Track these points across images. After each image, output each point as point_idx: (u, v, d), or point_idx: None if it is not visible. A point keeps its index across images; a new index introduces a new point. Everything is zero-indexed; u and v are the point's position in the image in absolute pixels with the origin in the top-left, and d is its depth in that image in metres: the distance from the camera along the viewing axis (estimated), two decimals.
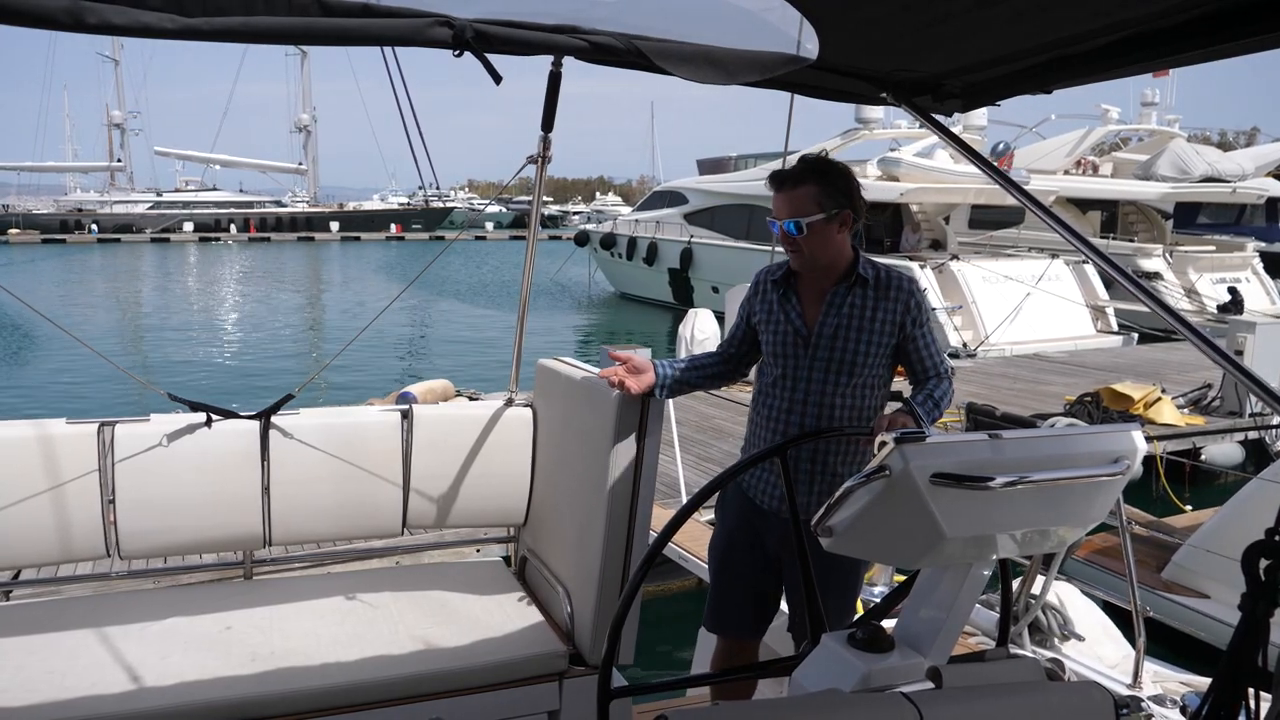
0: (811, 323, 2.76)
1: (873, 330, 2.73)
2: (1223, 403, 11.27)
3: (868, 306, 2.73)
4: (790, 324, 2.78)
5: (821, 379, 2.74)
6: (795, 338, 2.76)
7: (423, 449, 3.39)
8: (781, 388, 2.81)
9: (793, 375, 2.78)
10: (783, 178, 2.70)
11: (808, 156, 2.76)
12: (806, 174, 2.68)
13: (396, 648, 2.86)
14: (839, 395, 2.74)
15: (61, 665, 2.66)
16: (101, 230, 64.37)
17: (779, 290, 2.83)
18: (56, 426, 3.01)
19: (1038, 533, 1.84)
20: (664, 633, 6.27)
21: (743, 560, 2.92)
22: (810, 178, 2.67)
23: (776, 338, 2.81)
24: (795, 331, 2.76)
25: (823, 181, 2.67)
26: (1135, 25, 1.97)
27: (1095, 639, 3.86)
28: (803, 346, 2.75)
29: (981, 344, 16.35)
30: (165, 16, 1.61)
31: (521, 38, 1.94)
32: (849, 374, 2.73)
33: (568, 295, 32.39)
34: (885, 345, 2.74)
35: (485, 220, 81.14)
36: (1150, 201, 23.90)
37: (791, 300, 2.80)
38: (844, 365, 2.72)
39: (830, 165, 2.74)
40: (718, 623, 3.00)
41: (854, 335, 2.72)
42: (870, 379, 2.76)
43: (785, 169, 2.72)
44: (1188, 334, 2.22)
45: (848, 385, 2.74)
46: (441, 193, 78.44)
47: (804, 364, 2.76)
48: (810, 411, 2.76)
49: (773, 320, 2.83)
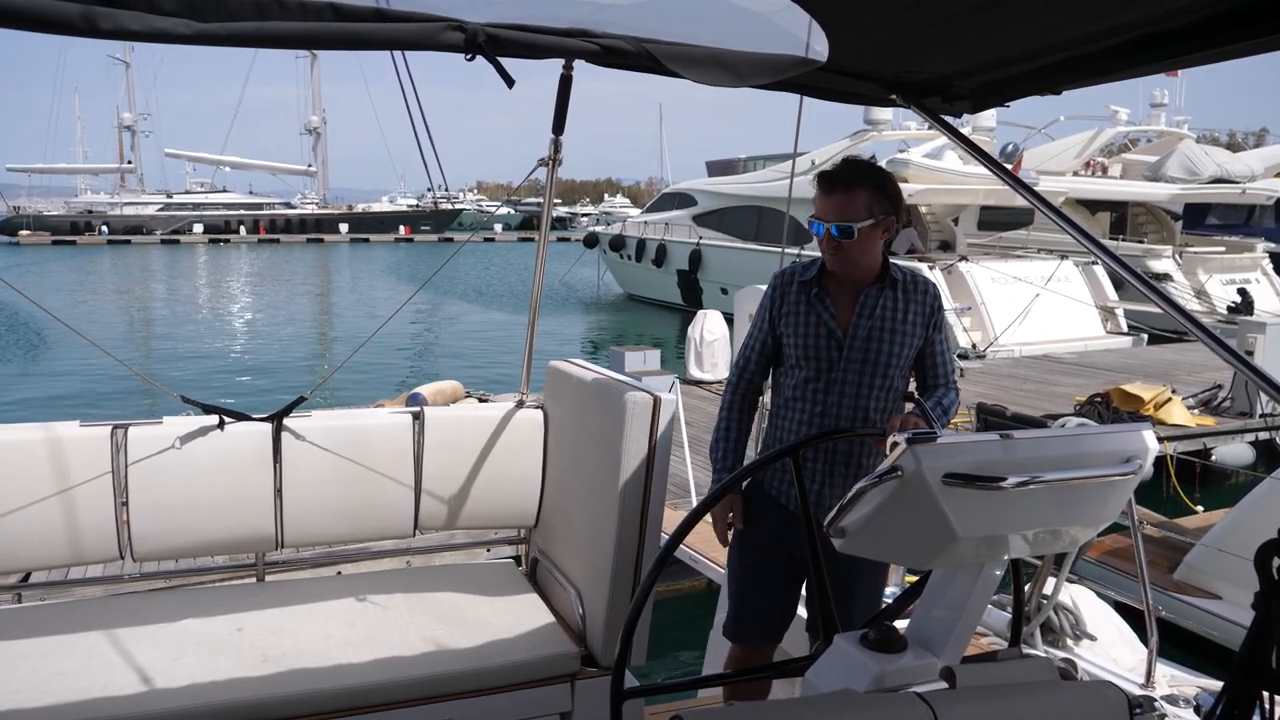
0: (845, 324, 2.75)
1: (904, 332, 2.75)
2: (1233, 403, 11.23)
3: (899, 308, 2.74)
4: (824, 325, 2.76)
5: (855, 380, 2.73)
6: (829, 339, 2.75)
7: (434, 450, 3.40)
8: (814, 389, 2.77)
9: (826, 377, 2.76)
10: (835, 180, 2.66)
11: (854, 159, 2.75)
12: (861, 178, 2.66)
13: (408, 649, 2.86)
14: (873, 397, 2.74)
15: (75, 666, 2.68)
16: (112, 232, 64.70)
17: (808, 291, 2.80)
18: (70, 429, 3.03)
19: (1050, 533, 1.83)
20: (674, 633, 6.28)
21: (772, 570, 2.88)
22: (864, 181, 2.66)
23: (808, 339, 2.77)
24: (829, 333, 2.75)
25: (876, 187, 2.66)
26: (1145, 26, 1.97)
27: (1107, 639, 3.84)
28: (836, 348, 2.74)
29: (991, 345, 16.31)
30: (180, 22, 1.62)
31: (533, 41, 1.95)
32: (882, 375, 2.74)
33: (576, 297, 32.43)
34: (913, 347, 2.77)
35: (494, 222, 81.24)
36: (1159, 202, 23.81)
37: (825, 301, 2.77)
38: (878, 366, 2.73)
39: (882, 170, 2.74)
40: (739, 631, 2.94)
41: (887, 337, 2.73)
42: (899, 381, 2.78)
43: (836, 170, 2.68)
44: (1199, 334, 2.22)
45: (881, 386, 2.75)
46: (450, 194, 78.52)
47: (838, 365, 2.74)
48: (845, 413, 2.75)
49: (802, 322, 2.79)
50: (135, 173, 78.47)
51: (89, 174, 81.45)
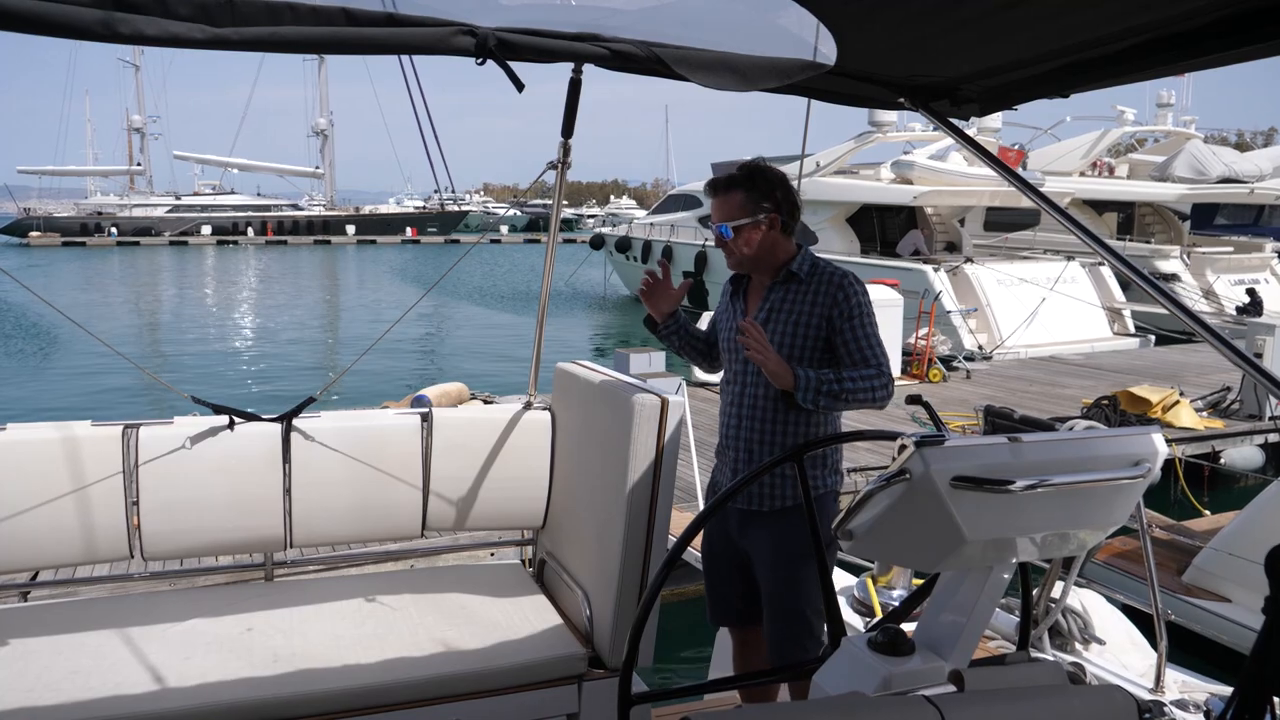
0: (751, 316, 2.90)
1: (804, 323, 2.82)
2: (1242, 405, 11.18)
3: (798, 300, 2.85)
4: (734, 320, 2.94)
5: (756, 371, 2.83)
6: (736, 332, 2.84)
7: (442, 452, 3.41)
8: (731, 377, 2.99)
9: (734, 369, 2.97)
10: (714, 185, 2.88)
11: (743, 164, 2.91)
12: (734, 182, 2.86)
13: (416, 650, 2.87)
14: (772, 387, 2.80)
15: (86, 665, 2.69)
16: (121, 233, 64.90)
17: (731, 290, 3.05)
18: (81, 428, 3.05)
19: (1058, 536, 1.84)
20: (680, 636, 6.27)
21: (721, 559, 3.07)
22: (738, 185, 2.85)
23: (725, 334, 3.01)
24: (737, 327, 2.85)
25: (748, 188, 2.83)
26: (1153, 29, 1.97)
27: (1116, 643, 3.83)
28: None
29: (997, 347, 16.26)
30: (195, 27, 1.64)
31: (544, 46, 1.96)
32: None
33: (582, 298, 32.42)
34: (814, 338, 2.83)
35: (500, 224, 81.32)
36: (1167, 203, 23.72)
37: (739, 298, 3.00)
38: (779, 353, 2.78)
39: (756, 172, 2.89)
40: (712, 614, 3.18)
41: (780, 325, 2.84)
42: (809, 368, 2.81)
43: (717, 177, 2.89)
44: (1206, 335, 2.21)
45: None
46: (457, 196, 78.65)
47: (741, 357, 2.88)
48: (746, 406, 2.90)
49: (724, 318, 3.04)
50: (144, 175, 78.68)
51: (99, 176, 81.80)
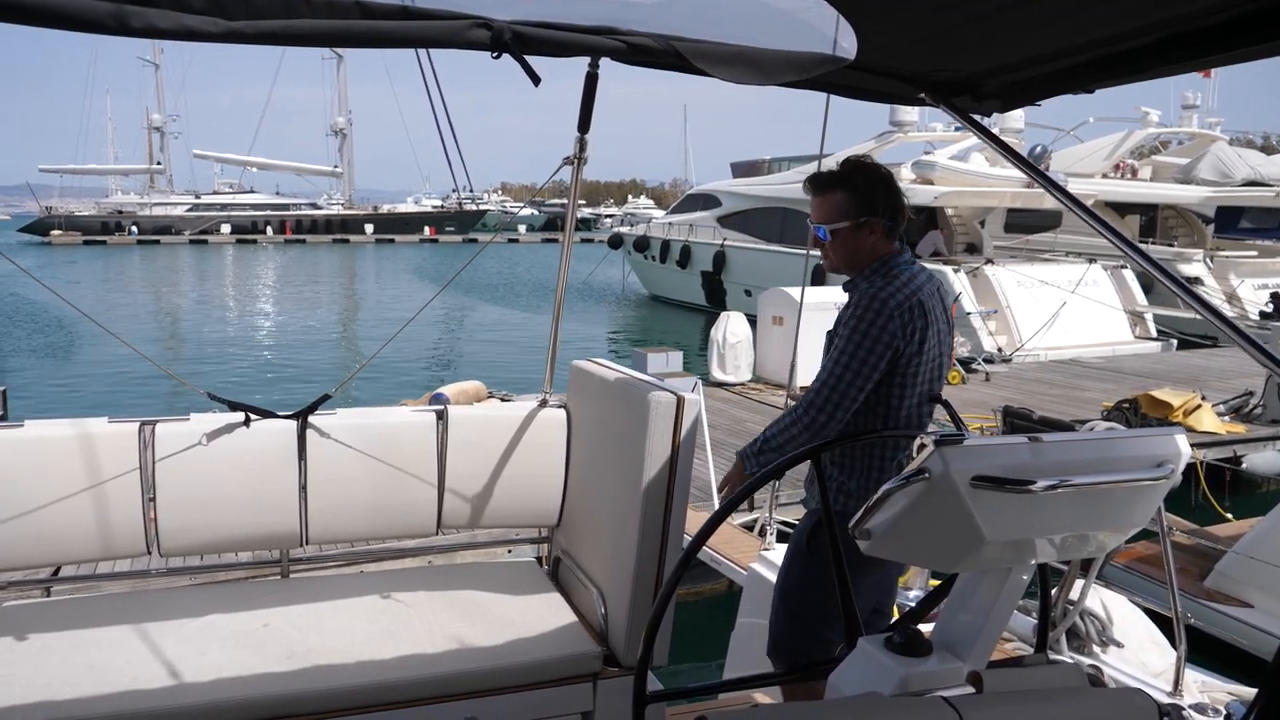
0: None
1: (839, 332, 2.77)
2: (1264, 410, 11.05)
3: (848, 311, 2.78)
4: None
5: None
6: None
7: (458, 449, 3.41)
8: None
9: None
10: (815, 183, 2.74)
11: (847, 160, 2.77)
12: (837, 181, 2.72)
13: (431, 647, 2.87)
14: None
15: (103, 660, 2.70)
16: (141, 232, 65.58)
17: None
18: (98, 425, 3.06)
19: (1078, 537, 1.81)
20: (695, 635, 6.25)
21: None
22: (838, 184, 2.71)
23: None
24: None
25: (850, 189, 2.70)
26: (1178, 24, 1.93)
27: (1135, 646, 3.79)
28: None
29: (1017, 349, 16.16)
30: (208, 20, 1.63)
31: (560, 39, 1.94)
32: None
33: (600, 297, 32.47)
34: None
35: (518, 223, 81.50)
36: (1190, 205, 23.50)
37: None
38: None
39: (858, 172, 2.75)
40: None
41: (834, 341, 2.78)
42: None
43: (821, 173, 2.74)
44: (1235, 336, 2.17)
45: None
46: (475, 196, 78.89)
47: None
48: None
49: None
50: (164, 173, 79.45)
51: (119, 175, 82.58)
